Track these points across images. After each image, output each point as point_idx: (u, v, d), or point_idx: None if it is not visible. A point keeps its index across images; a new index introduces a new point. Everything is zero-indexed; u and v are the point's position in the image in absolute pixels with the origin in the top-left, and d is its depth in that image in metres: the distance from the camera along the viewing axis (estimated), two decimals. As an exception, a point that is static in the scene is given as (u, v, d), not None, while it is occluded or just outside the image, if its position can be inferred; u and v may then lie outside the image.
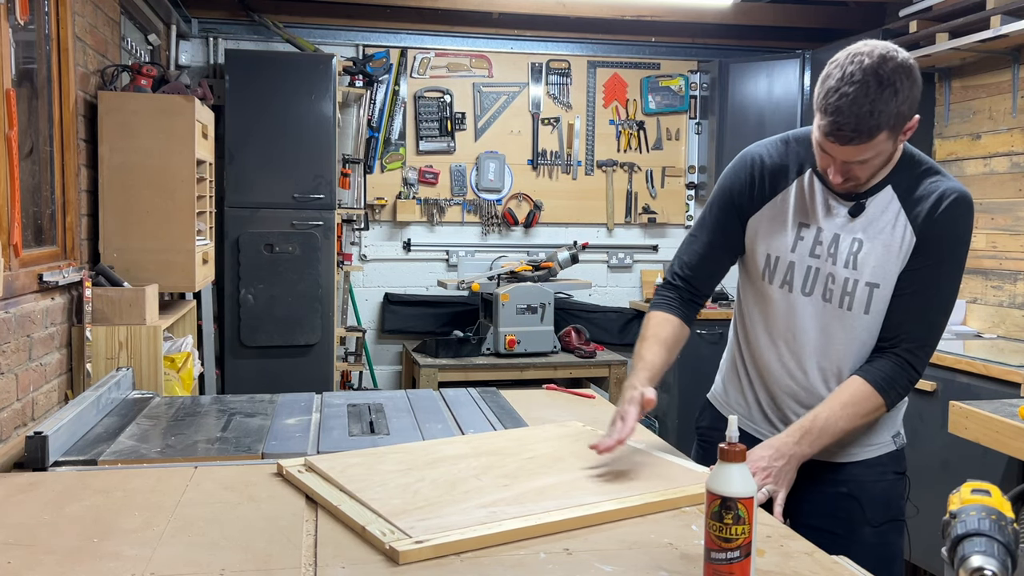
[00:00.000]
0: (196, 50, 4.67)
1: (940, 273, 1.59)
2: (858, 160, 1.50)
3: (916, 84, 1.47)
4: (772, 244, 1.69)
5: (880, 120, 1.44)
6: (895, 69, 1.43)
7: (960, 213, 1.58)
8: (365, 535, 1.26)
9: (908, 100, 1.45)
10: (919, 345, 1.61)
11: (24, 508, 1.38)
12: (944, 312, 1.63)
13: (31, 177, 2.69)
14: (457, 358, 4.39)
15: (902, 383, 1.61)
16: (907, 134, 1.53)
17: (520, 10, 4.70)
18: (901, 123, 1.47)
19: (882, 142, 1.47)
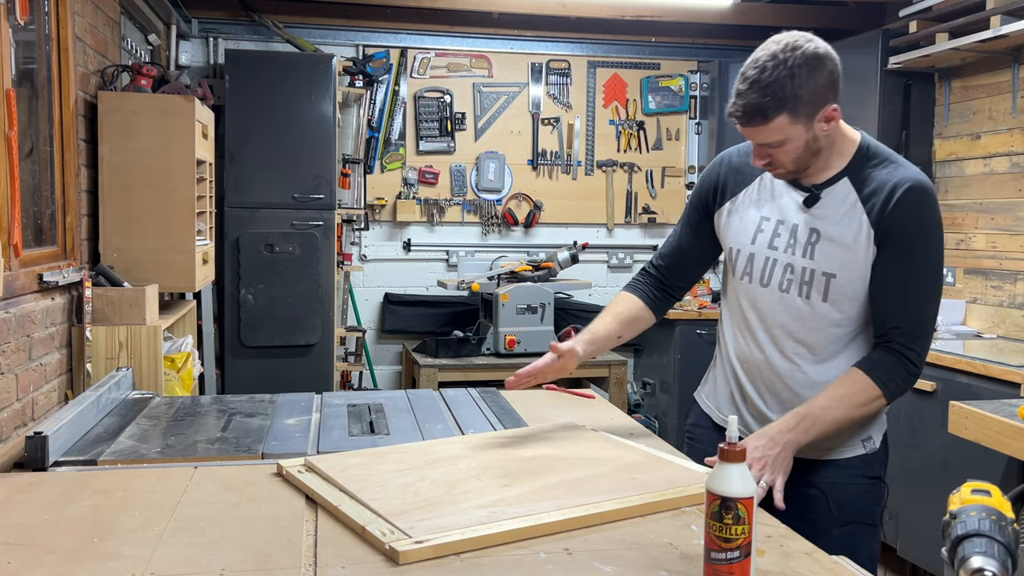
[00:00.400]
0: (196, 50, 4.67)
1: (912, 264, 1.59)
2: (767, 143, 1.56)
3: (821, 72, 1.50)
4: (735, 238, 1.76)
5: (771, 103, 1.49)
6: (798, 56, 1.49)
7: (914, 200, 1.58)
8: (365, 535, 1.26)
9: (809, 86, 1.49)
10: (911, 337, 1.61)
11: (24, 508, 1.38)
12: (928, 302, 1.63)
13: (31, 177, 2.69)
14: (457, 358, 4.39)
15: (900, 375, 1.61)
16: (830, 124, 1.56)
17: (520, 10, 4.70)
18: (803, 108, 1.51)
19: (784, 126, 1.52)
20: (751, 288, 1.74)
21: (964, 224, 4.00)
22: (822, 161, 1.63)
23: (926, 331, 1.63)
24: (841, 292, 1.63)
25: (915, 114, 4.17)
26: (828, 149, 1.62)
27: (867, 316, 1.66)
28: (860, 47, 4.29)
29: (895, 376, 1.60)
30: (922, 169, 4.54)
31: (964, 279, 3.99)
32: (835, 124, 1.57)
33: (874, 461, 1.73)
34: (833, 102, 1.55)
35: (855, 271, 1.62)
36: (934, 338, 3.55)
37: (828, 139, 1.60)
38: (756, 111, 1.52)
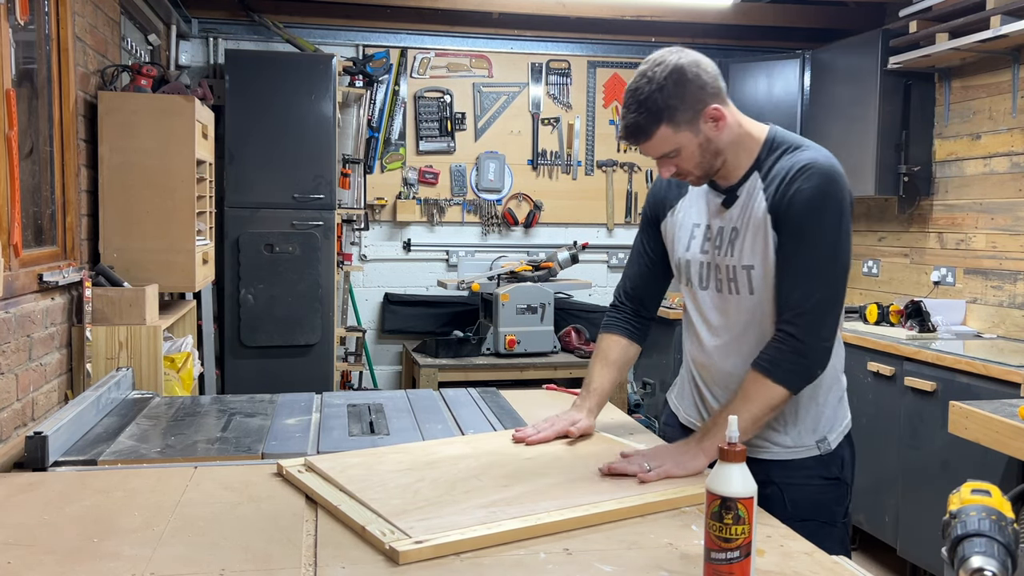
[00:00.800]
0: (196, 50, 4.67)
1: (801, 246, 1.58)
2: (665, 154, 1.60)
3: (686, 79, 1.55)
4: (677, 247, 1.81)
5: (647, 118, 1.56)
6: (662, 70, 1.55)
7: (807, 178, 1.57)
8: (365, 535, 1.26)
9: (679, 95, 1.54)
10: (796, 313, 1.58)
11: (24, 508, 1.38)
12: (816, 282, 1.58)
13: (31, 177, 2.68)
14: (457, 358, 4.39)
15: (787, 357, 1.57)
16: (719, 123, 1.59)
17: (520, 10, 4.69)
18: (681, 116, 1.55)
19: (669, 136, 1.57)
20: (694, 293, 1.78)
21: (964, 224, 4.00)
22: (732, 161, 1.65)
23: (816, 309, 1.58)
24: (761, 283, 1.65)
25: (915, 114, 4.17)
26: (733, 148, 1.63)
27: None
28: (860, 47, 4.29)
29: (781, 360, 1.57)
30: (922, 169, 4.53)
31: (964, 279, 3.99)
32: (724, 123, 1.59)
33: (831, 462, 1.73)
34: (712, 103, 1.57)
35: (768, 259, 1.63)
36: (934, 337, 3.57)
37: (728, 138, 1.61)
38: (637, 129, 1.58)
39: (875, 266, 4.63)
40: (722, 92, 1.60)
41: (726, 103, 1.61)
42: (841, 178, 1.59)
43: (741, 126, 1.64)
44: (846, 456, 1.77)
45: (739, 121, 1.64)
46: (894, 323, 3.91)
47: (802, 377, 1.60)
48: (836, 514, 1.73)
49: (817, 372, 1.62)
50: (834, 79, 4.49)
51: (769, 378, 1.57)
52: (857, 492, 3.83)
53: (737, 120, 1.64)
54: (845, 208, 1.60)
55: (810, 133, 4.67)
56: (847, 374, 1.86)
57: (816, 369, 1.61)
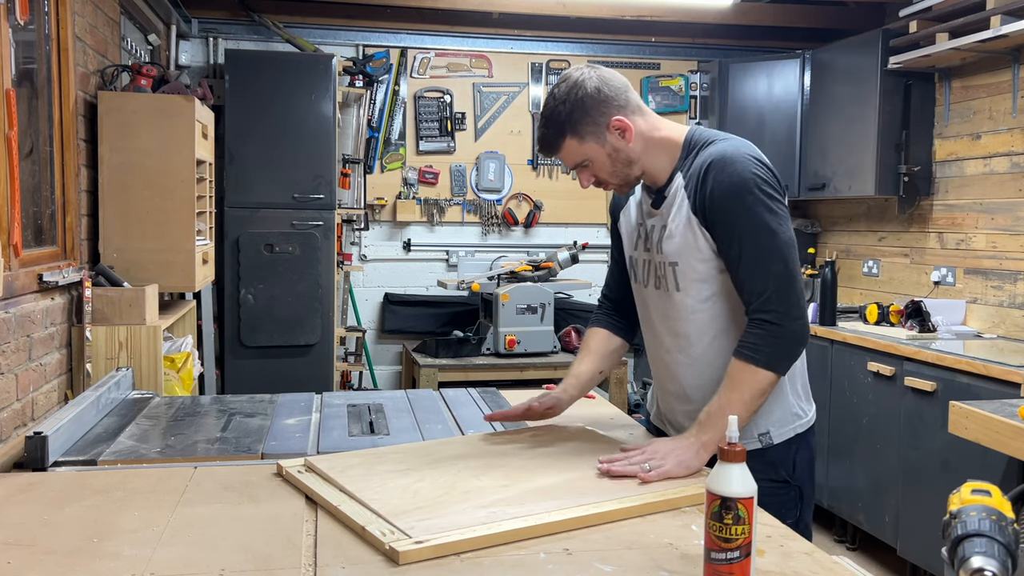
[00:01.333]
0: (196, 50, 4.67)
1: (737, 232, 1.60)
2: (577, 164, 1.69)
3: (585, 94, 1.63)
4: (626, 247, 1.88)
5: (553, 133, 1.66)
6: (564, 87, 1.65)
7: (716, 172, 1.60)
8: (365, 535, 1.26)
9: (580, 109, 1.62)
10: (760, 300, 1.59)
11: (24, 508, 1.38)
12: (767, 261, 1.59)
13: (31, 177, 2.68)
14: (457, 358, 4.39)
15: (764, 338, 1.58)
16: (626, 133, 1.65)
17: (520, 10, 4.70)
18: (584, 128, 1.63)
19: (576, 147, 1.66)
20: (638, 290, 1.85)
21: (964, 224, 4.00)
22: (653, 165, 1.70)
23: (778, 288, 1.59)
24: (686, 278, 1.68)
25: (915, 114, 4.17)
26: (649, 155, 1.69)
27: (725, 298, 1.68)
28: (860, 47, 4.29)
29: (759, 341, 1.58)
30: (922, 169, 4.52)
31: (964, 279, 3.99)
32: (631, 133, 1.65)
33: (778, 463, 1.71)
34: (616, 115, 1.64)
35: (692, 255, 1.66)
36: (935, 337, 3.57)
37: (640, 147, 1.67)
38: (545, 143, 1.68)
39: (875, 266, 4.63)
40: (630, 104, 1.66)
41: (636, 114, 1.67)
42: (748, 160, 1.61)
43: (657, 132, 1.69)
44: (799, 459, 1.73)
45: (654, 127, 1.69)
46: (894, 323, 3.91)
47: (785, 357, 1.61)
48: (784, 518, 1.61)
49: (799, 349, 1.63)
50: (834, 79, 4.49)
51: (752, 364, 1.57)
52: (857, 492, 3.85)
53: (652, 126, 1.69)
54: (763, 186, 1.59)
55: (810, 133, 4.68)
56: (846, 374, 1.86)
57: (797, 346, 1.62)
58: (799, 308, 1.60)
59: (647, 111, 1.71)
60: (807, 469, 1.76)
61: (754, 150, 1.65)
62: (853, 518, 3.76)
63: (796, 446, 1.73)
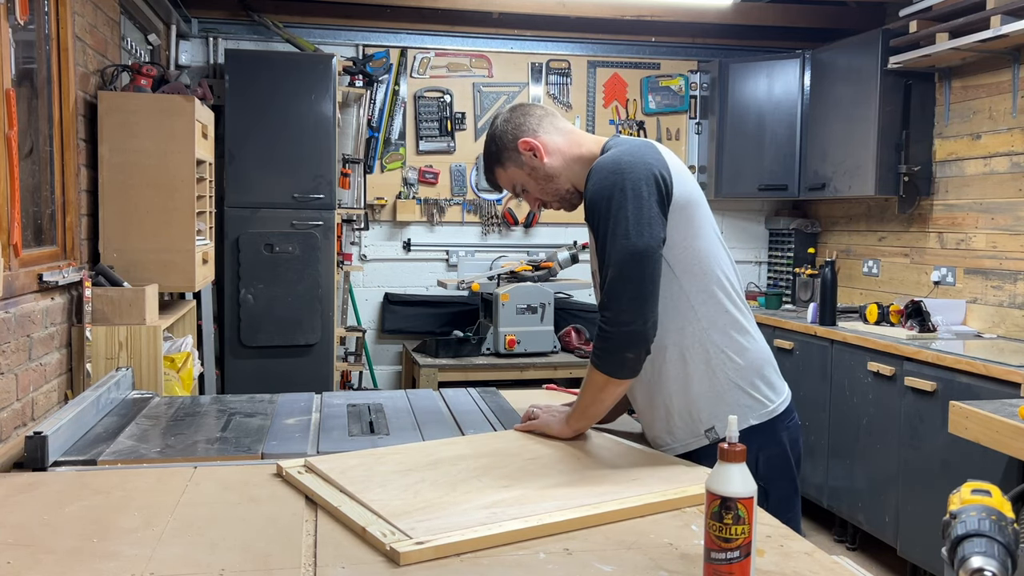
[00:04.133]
0: (196, 50, 4.67)
1: (595, 237, 1.64)
2: (513, 191, 1.85)
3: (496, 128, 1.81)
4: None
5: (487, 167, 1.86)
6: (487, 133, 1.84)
7: (591, 181, 1.64)
8: (365, 536, 1.26)
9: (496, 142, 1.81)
10: (600, 304, 1.63)
11: (24, 508, 1.38)
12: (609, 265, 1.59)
13: (31, 177, 2.68)
14: (457, 358, 4.39)
15: (597, 345, 1.62)
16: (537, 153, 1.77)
17: (520, 10, 4.69)
18: (503, 155, 1.80)
19: (503, 174, 1.83)
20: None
21: (964, 224, 4.00)
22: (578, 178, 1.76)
23: (611, 291, 1.57)
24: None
25: (915, 114, 4.17)
26: (569, 169, 1.78)
27: None
28: (860, 47, 4.29)
29: (596, 348, 1.63)
30: (922, 169, 4.51)
31: (964, 279, 3.99)
32: (542, 151, 1.77)
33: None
34: (524, 137, 1.78)
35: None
36: (934, 337, 3.57)
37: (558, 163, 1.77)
38: (487, 179, 1.89)
39: (875, 266, 4.63)
40: (542, 127, 1.78)
41: (551, 134, 1.78)
42: (621, 165, 1.61)
43: (578, 148, 1.78)
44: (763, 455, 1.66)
45: (576, 143, 1.79)
46: (894, 323, 3.91)
47: (615, 361, 1.61)
48: None
49: (628, 354, 1.59)
50: (834, 79, 4.49)
51: (591, 365, 1.65)
52: (857, 492, 3.85)
53: (573, 143, 1.79)
54: (625, 190, 1.58)
55: (810, 133, 4.68)
56: (846, 374, 1.86)
57: (625, 352, 1.59)
58: (629, 313, 1.56)
59: (572, 131, 1.81)
60: (778, 464, 1.69)
61: (639, 154, 1.64)
62: (853, 518, 3.76)
63: (756, 442, 1.61)
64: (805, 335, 4.02)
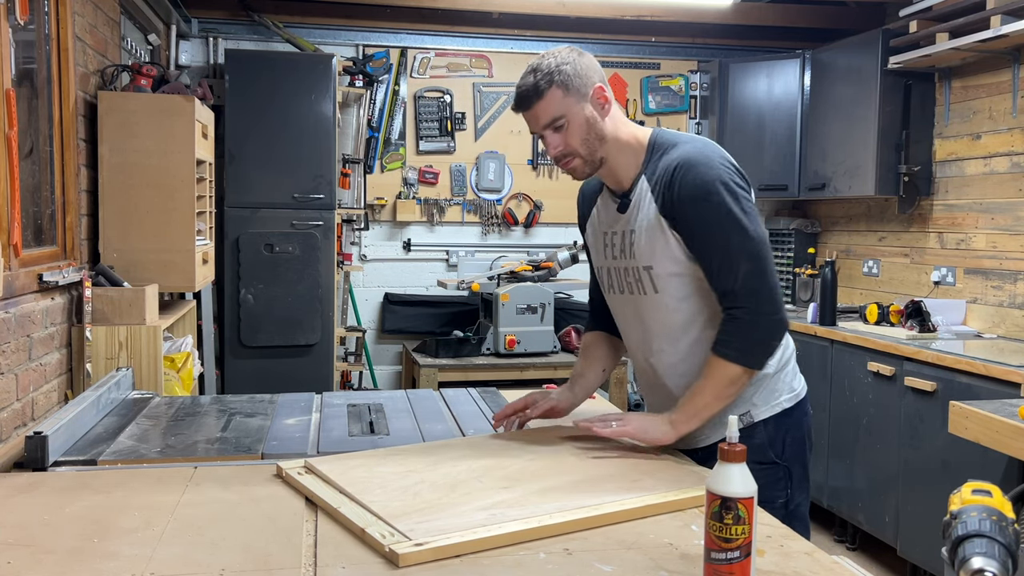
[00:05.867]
0: (196, 50, 4.67)
1: (705, 233, 1.62)
2: (551, 121, 1.65)
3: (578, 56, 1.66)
4: (594, 257, 1.89)
5: (542, 78, 1.63)
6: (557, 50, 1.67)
7: (682, 175, 1.61)
8: (365, 537, 1.25)
9: (572, 64, 1.64)
10: (731, 297, 1.61)
11: (24, 508, 1.38)
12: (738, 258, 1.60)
13: (31, 177, 2.68)
14: (457, 358, 4.39)
15: (735, 333, 1.61)
16: (604, 107, 1.66)
17: (520, 10, 4.69)
18: (572, 82, 1.63)
19: (559, 98, 1.63)
20: (612, 299, 1.85)
21: (964, 224, 3.99)
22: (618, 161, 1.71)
23: (748, 284, 1.60)
24: (662, 280, 1.69)
25: (915, 114, 4.17)
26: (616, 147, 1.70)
27: (703, 296, 1.69)
28: (860, 47, 4.29)
29: (733, 340, 1.61)
30: (922, 169, 4.51)
31: (964, 279, 3.99)
32: (610, 107, 1.67)
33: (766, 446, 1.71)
34: (598, 83, 1.66)
35: (665, 256, 1.67)
36: (934, 337, 3.57)
37: (611, 130, 1.68)
38: (531, 89, 1.64)
39: (875, 266, 4.63)
40: (608, 88, 1.69)
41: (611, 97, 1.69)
42: (713, 161, 1.63)
43: (625, 127, 1.72)
44: (788, 439, 1.74)
45: (624, 122, 1.72)
46: (894, 323, 3.91)
47: (757, 352, 1.63)
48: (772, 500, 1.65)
49: (774, 344, 1.65)
50: (834, 79, 4.49)
51: (724, 359, 1.60)
52: (857, 492, 3.85)
53: (622, 118, 1.72)
54: (730, 185, 1.61)
55: (810, 133, 4.68)
56: (846, 374, 1.87)
57: (772, 341, 1.64)
58: (771, 303, 1.61)
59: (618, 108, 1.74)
60: (798, 448, 1.75)
61: (718, 150, 1.67)
62: (853, 518, 3.76)
63: (785, 425, 1.73)
64: (805, 335, 4.02)
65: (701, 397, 1.63)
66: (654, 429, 1.63)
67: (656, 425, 1.63)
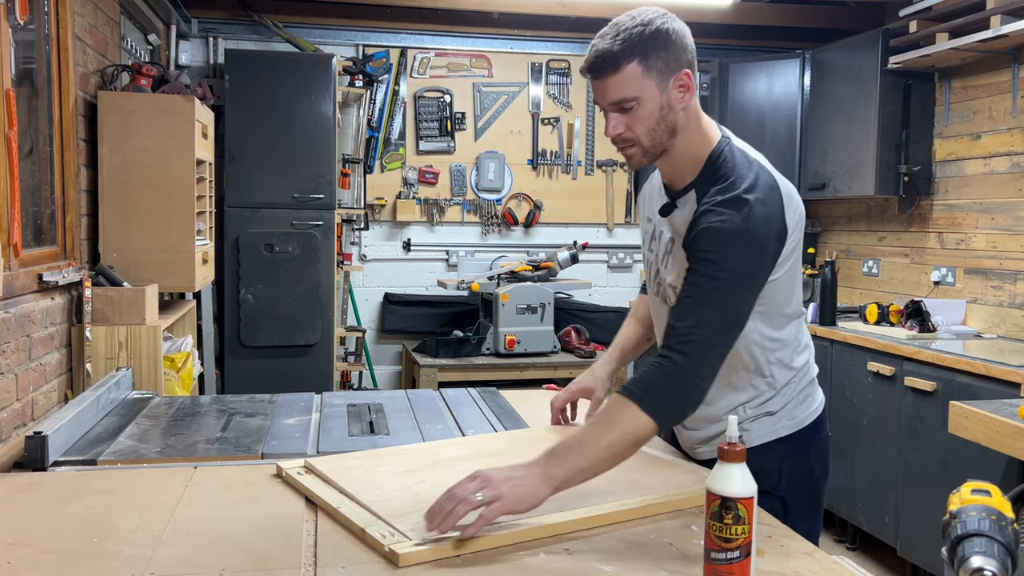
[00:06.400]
0: (196, 50, 4.67)
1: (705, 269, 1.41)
2: (621, 99, 1.45)
3: (675, 34, 1.45)
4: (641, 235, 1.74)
5: (623, 48, 1.42)
6: (652, 13, 1.45)
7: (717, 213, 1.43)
8: (365, 537, 1.25)
9: (662, 40, 1.43)
10: (682, 340, 1.38)
11: (24, 508, 1.38)
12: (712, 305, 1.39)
13: (31, 177, 2.68)
14: (457, 358, 4.39)
15: (661, 379, 1.37)
16: (685, 95, 1.48)
17: (520, 10, 4.69)
18: (655, 61, 1.43)
19: (637, 77, 1.43)
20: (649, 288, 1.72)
21: (964, 224, 3.99)
22: (681, 154, 1.53)
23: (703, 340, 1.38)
24: None
25: (915, 114, 4.17)
26: (685, 140, 1.52)
27: None
28: (860, 47, 4.29)
29: (654, 388, 1.37)
30: (922, 169, 4.50)
31: (964, 279, 3.99)
32: (690, 97, 1.49)
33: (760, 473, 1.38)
34: (687, 68, 1.47)
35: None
36: (934, 337, 3.57)
37: (685, 122, 1.50)
38: (608, 58, 1.43)
39: (875, 266, 4.63)
40: (696, 73, 1.49)
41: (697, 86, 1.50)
42: (759, 216, 1.43)
43: (700, 124, 1.54)
44: (787, 467, 1.57)
45: (700, 112, 1.54)
46: (894, 323, 3.91)
47: (672, 409, 1.39)
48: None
49: (688, 409, 1.40)
50: (834, 79, 4.49)
51: (637, 404, 1.35)
52: (857, 492, 3.85)
53: (699, 110, 1.54)
54: (761, 244, 1.43)
55: (810, 133, 4.67)
56: (846, 374, 1.85)
57: (687, 405, 1.40)
58: (711, 370, 1.40)
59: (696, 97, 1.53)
60: (800, 478, 1.59)
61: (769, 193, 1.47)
62: (853, 518, 3.76)
63: (783, 451, 1.57)
64: (805, 335, 4.01)
65: (594, 448, 1.33)
66: (529, 494, 1.28)
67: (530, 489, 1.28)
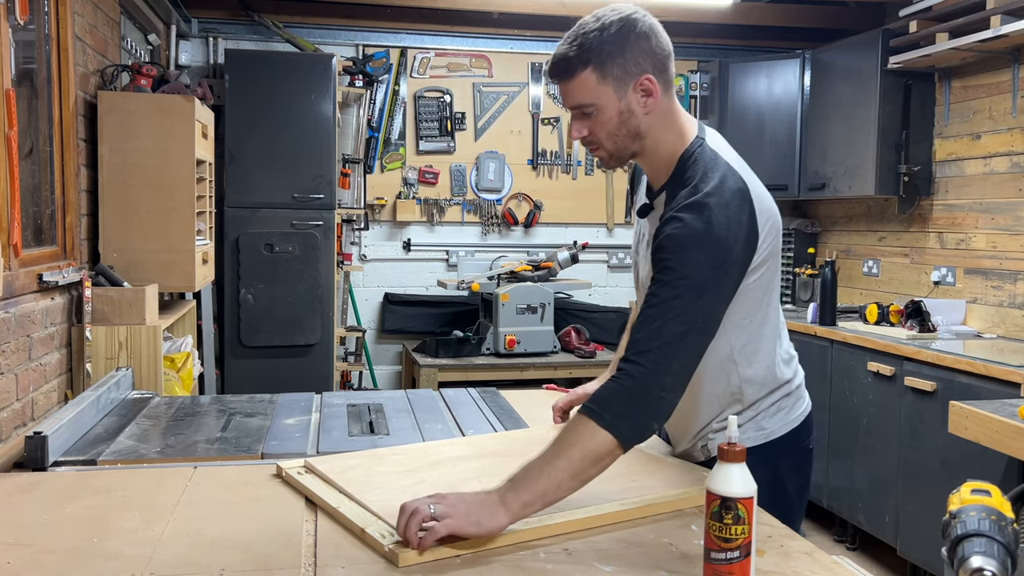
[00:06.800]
0: (196, 50, 4.67)
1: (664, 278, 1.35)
2: (580, 105, 1.43)
3: (637, 36, 1.40)
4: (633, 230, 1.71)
5: (577, 54, 1.40)
6: (612, 14, 1.41)
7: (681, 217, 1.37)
8: (365, 537, 1.25)
9: (620, 44, 1.39)
10: (639, 351, 1.32)
11: (24, 508, 1.38)
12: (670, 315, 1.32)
13: (31, 177, 2.68)
14: (457, 358, 4.39)
15: (620, 395, 1.31)
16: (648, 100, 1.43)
17: (520, 10, 4.69)
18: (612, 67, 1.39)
19: (592, 84, 1.40)
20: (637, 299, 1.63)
21: (964, 224, 3.99)
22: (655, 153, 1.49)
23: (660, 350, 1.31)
24: None
25: (915, 114, 4.17)
26: (655, 140, 1.47)
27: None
28: (860, 47, 4.29)
29: (612, 404, 1.30)
30: (922, 169, 4.51)
31: (964, 279, 3.99)
32: (654, 102, 1.43)
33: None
34: (649, 73, 1.41)
35: None
36: (934, 337, 3.57)
37: (653, 124, 1.45)
38: (562, 62, 1.42)
39: (875, 266, 4.63)
40: (666, 73, 1.44)
41: (666, 88, 1.45)
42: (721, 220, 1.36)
43: (674, 119, 1.48)
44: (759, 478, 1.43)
45: (673, 111, 1.47)
46: (894, 323, 3.91)
47: (632, 423, 1.30)
48: None
49: (652, 424, 1.33)
50: (834, 79, 4.49)
51: (595, 421, 1.29)
52: (857, 492, 3.85)
53: (671, 109, 1.47)
54: (725, 249, 1.36)
55: (810, 133, 4.68)
56: (846, 374, 1.84)
57: (650, 418, 1.32)
58: (674, 382, 1.33)
59: (674, 95, 1.48)
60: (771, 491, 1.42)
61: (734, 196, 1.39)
62: (853, 518, 3.76)
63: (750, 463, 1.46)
64: (805, 335, 4.02)
65: (552, 473, 1.27)
66: (487, 520, 1.23)
67: (486, 513, 1.23)
